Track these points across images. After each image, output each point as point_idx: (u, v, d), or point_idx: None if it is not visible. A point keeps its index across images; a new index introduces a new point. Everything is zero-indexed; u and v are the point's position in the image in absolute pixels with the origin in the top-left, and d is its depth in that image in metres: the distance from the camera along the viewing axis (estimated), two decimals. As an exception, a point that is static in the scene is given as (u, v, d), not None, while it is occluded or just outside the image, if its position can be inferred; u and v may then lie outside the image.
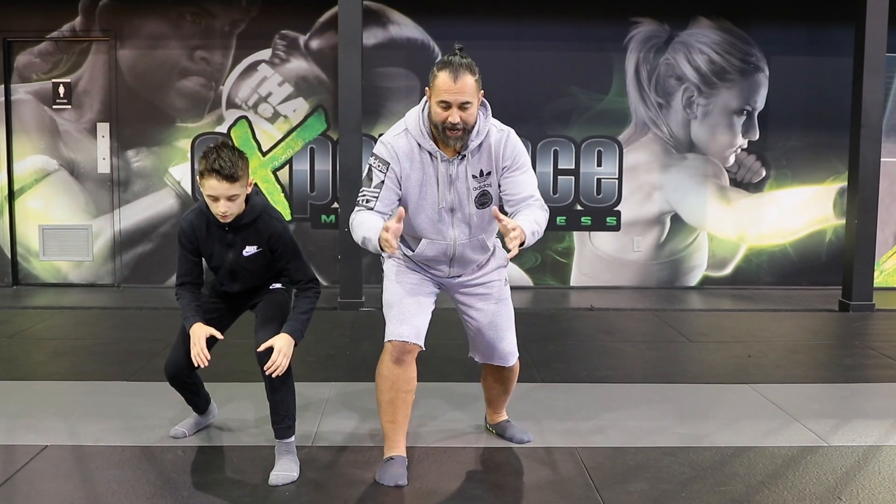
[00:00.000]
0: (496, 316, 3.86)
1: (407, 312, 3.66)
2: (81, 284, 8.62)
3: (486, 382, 4.14)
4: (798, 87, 8.70)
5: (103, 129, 8.45)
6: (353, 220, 3.58)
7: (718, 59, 8.60)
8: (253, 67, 8.44)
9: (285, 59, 8.44)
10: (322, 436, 4.19)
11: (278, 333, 3.65)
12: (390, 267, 3.83)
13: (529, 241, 3.41)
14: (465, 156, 3.56)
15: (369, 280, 8.24)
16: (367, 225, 3.47)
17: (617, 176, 8.69)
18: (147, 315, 7.22)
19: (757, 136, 8.72)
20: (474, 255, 3.76)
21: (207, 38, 8.39)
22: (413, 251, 3.74)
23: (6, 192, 8.46)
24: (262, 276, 3.86)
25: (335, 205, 8.49)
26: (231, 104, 8.45)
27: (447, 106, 3.42)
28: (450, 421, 4.44)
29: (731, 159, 8.73)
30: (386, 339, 3.65)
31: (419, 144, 3.57)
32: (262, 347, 3.58)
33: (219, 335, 3.71)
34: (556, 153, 8.62)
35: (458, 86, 3.40)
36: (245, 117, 8.46)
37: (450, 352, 5.71)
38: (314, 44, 8.43)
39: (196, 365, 3.66)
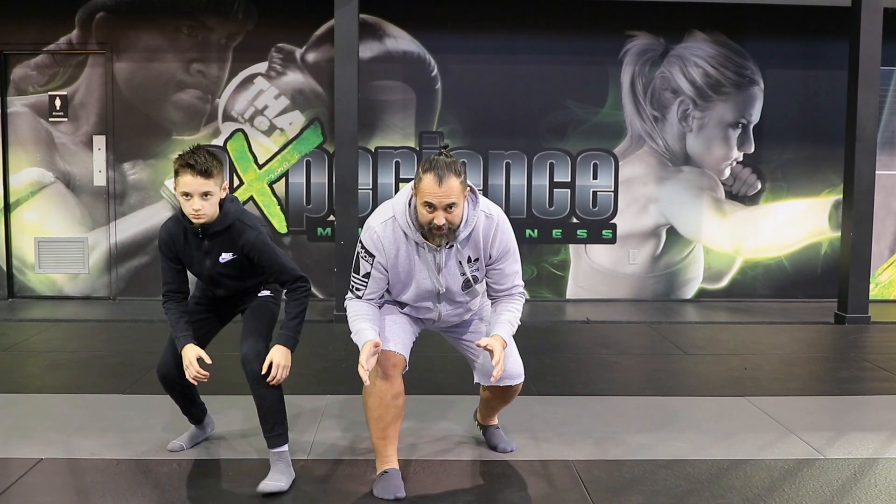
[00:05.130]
0: (511, 345, 3.85)
1: (390, 331, 3.72)
2: (77, 297, 8.60)
3: (486, 396, 4.11)
4: (793, 101, 8.73)
5: (99, 141, 8.45)
6: (347, 307, 3.74)
7: (714, 72, 8.63)
8: (249, 80, 8.45)
9: (282, 72, 8.45)
10: (318, 448, 4.18)
11: (263, 344, 3.69)
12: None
13: (509, 339, 3.70)
14: (452, 245, 3.61)
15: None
16: (358, 322, 3.62)
17: (613, 189, 8.71)
18: (143, 328, 7.21)
19: (752, 149, 8.74)
20: (459, 319, 3.91)
21: (204, 51, 8.40)
22: (402, 310, 3.85)
23: (2, 204, 8.45)
24: (246, 279, 3.87)
25: (331, 217, 8.49)
26: (227, 117, 8.46)
27: (432, 208, 3.43)
28: (445, 433, 4.44)
29: (727, 172, 8.75)
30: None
31: (405, 234, 3.60)
32: (263, 370, 3.58)
33: (207, 359, 3.73)
34: (551, 166, 8.63)
35: (442, 189, 3.40)
36: (241, 130, 8.47)
37: (444, 364, 5.71)
38: (310, 57, 8.44)
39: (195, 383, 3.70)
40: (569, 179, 8.66)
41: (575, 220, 8.71)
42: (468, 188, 3.57)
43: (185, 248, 3.78)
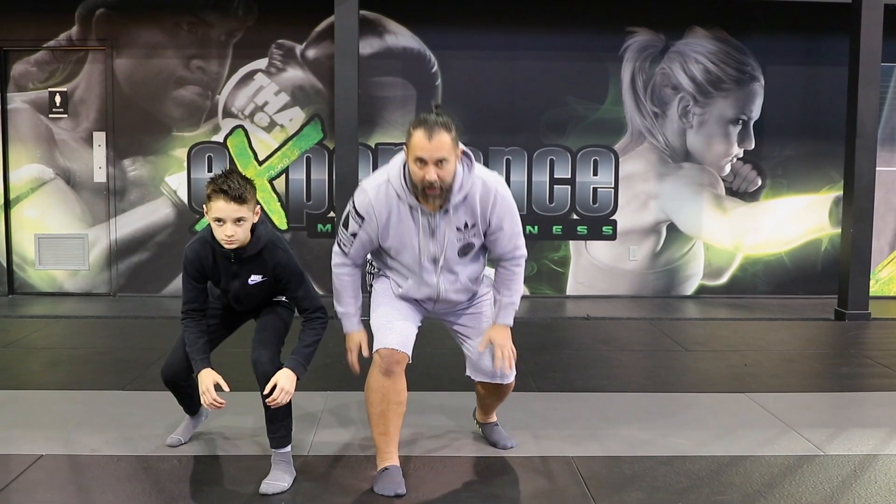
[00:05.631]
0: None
1: (393, 325, 3.69)
2: (77, 294, 8.60)
3: (480, 393, 4.15)
4: (793, 97, 8.73)
5: (99, 138, 8.45)
6: (333, 264, 3.83)
7: (714, 68, 8.62)
8: (249, 77, 8.44)
9: (282, 68, 8.45)
10: (318, 445, 4.18)
11: (276, 349, 3.70)
12: (377, 291, 3.91)
13: (511, 320, 3.79)
14: (447, 210, 3.57)
15: (365, 290, 8.22)
16: (342, 297, 3.88)
17: (613, 185, 8.71)
18: (143, 324, 7.21)
19: (752, 146, 8.73)
20: (459, 297, 3.83)
21: (204, 47, 8.39)
22: (401, 289, 3.81)
23: (2, 201, 8.44)
24: (269, 298, 3.89)
25: (331, 214, 8.49)
26: (227, 113, 8.45)
27: (423, 163, 3.42)
28: (445, 430, 4.44)
29: (727, 169, 8.75)
30: (374, 350, 3.67)
31: (399, 196, 3.58)
32: (266, 390, 3.57)
33: (224, 385, 3.68)
34: (552, 162, 8.63)
35: (433, 144, 3.39)
36: (241, 126, 8.46)
37: (444, 361, 5.71)
38: (311, 53, 8.44)
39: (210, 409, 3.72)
40: (569, 176, 8.66)
41: (575, 217, 8.71)
42: (462, 151, 3.56)
43: (214, 269, 3.74)
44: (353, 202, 3.65)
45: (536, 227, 8.65)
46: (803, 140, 8.77)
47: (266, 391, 3.57)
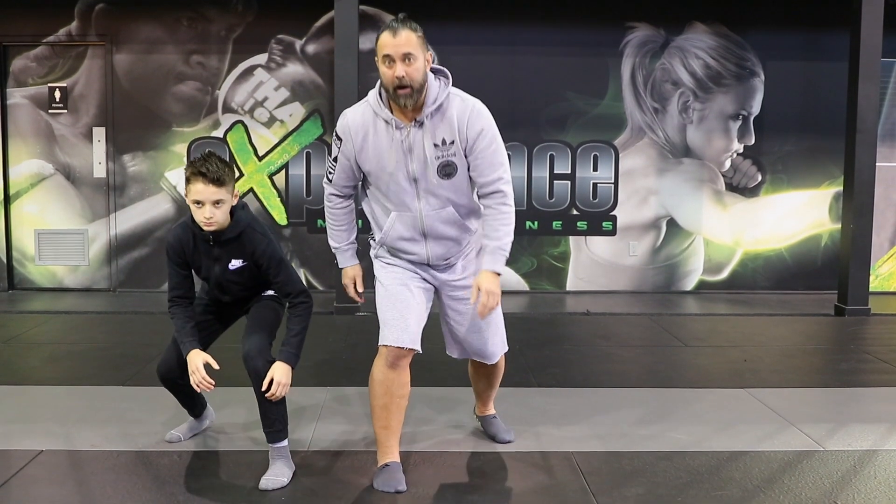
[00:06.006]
0: (486, 321, 3.84)
1: (400, 316, 3.61)
2: (77, 289, 8.61)
3: (472, 374, 4.19)
4: (793, 92, 8.72)
5: (99, 133, 8.44)
6: (325, 198, 3.86)
7: (714, 63, 8.62)
8: (249, 72, 8.44)
9: (281, 63, 8.44)
10: (318, 441, 4.18)
11: (267, 342, 3.71)
12: (379, 269, 3.84)
13: (502, 267, 3.59)
14: (422, 122, 3.52)
15: (366, 285, 8.23)
16: (334, 233, 3.92)
17: (613, 181, 8.70)
18: (143, 320, 7.21)
19: (752, 141, 8.73)
20: (448, 230, 3.69)
21: (204, 42, 8.38)
22: (382, 231, 3.74)
23: (2, 196, 8.44)
24: (252, 286, 3.88)
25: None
26: (227, 109, 8.45)
27: (391, 61, 3.43)
28: (445, 425, 4.44)
29: (727, 164, 8.74)
30: (380, 343, 3.61)
31: (375, 113, 3.57)
32: (264, 386, 3.59)
33: (214, 364, 3.71)
34: (552, 158, 8.62)
35: (397, 40, 3.41)
36: (241, 122, 8.46)
37: (444, 356, 5.69)
38: (310, 48, 8.43)
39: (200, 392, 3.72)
40: (569, 171, 8.66)
41: (575, 212, 8.71)
42: (438, 67, 3.58)
43: (195, 254, 3.77)
44: (335, 130, 3.71)
45: (536, 223, 8.64)
46: (803, 135, 8.76)
47: (264, 387, 3.58)
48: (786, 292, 8.87)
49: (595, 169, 8.69)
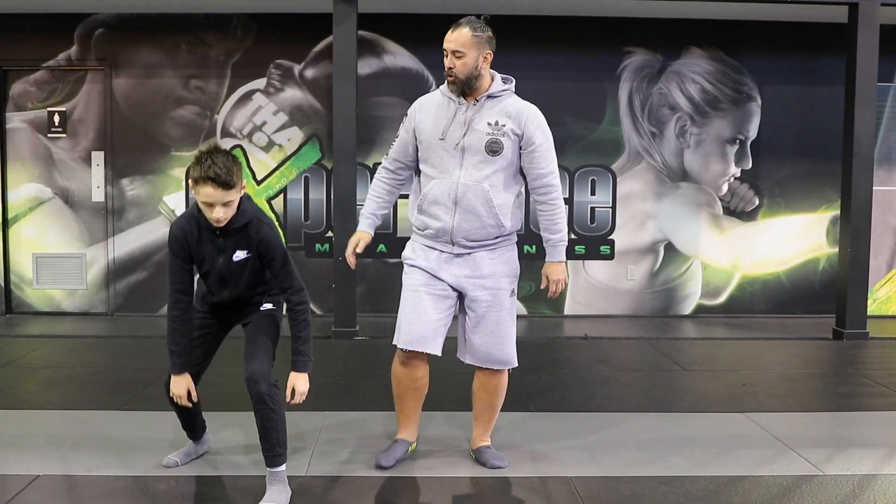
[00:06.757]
0: (494, 323, 4.06)
1: (407, 321, 4.02)
2: (75, 313, 8.59)
3: (475, 391, 4.27)
4: (790, 117, 8.76)
5: (98, 157, 8.46)
6: (375, 177, 4.32)
7: (711, 88, 8.66)
8: (248, 96, 8.47)
9: (280, 88, 8.48)
10: (315, 465, 4.17)
11: (269, 364, 3.70)
12: (404, 273, 4.18)
13: (563, 256, 4.15)
14: (478, 100, 3.98)
15: (363, 309, 8.23)
16: (367, 203, 4.29)
17: (611, 205, 8.72)
18: (140, 344, 7.20)
19: (750, 165, 8.76)
20: (478, 206, 3.98)
21: (202, 67, 8.42)
22: (420, 194, 4.10)
23: (0, 219, 8.45)
24: (252, 284, 3.84)
25: (329, 234, 8.49)
26: (226, 133, 8.47)
27: (445, 54, 3.94)
28: (443, 449, 4.43)
29: (725, 188, 8.77)
30: (394, 342, 4.09)
31: (443, 93, 4.07)
32: (287, 397, 3.68)
33: (195, 395, 3.80)
34: (549, 182, 8.62)
35: (453, 35, 3.92)
36: (240, 146, 8.48)
37: (443, 380, 5.70)
38: (309, 73, 8.47)
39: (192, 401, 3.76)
40: (567, 195, 8.67)
41: (573, 236, 8.72)
42: (489, 52, 3.96)
43: (199, 245, 3.73)
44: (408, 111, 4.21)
45: (535, 247, 8.65)
46: (800, 159, 8.79)
47: (287, 398, 3.65)
48: (784, 316, 8.86)
49: (593, 193, 8.71)
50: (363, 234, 4.22)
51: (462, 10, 8.27)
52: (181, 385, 3.72)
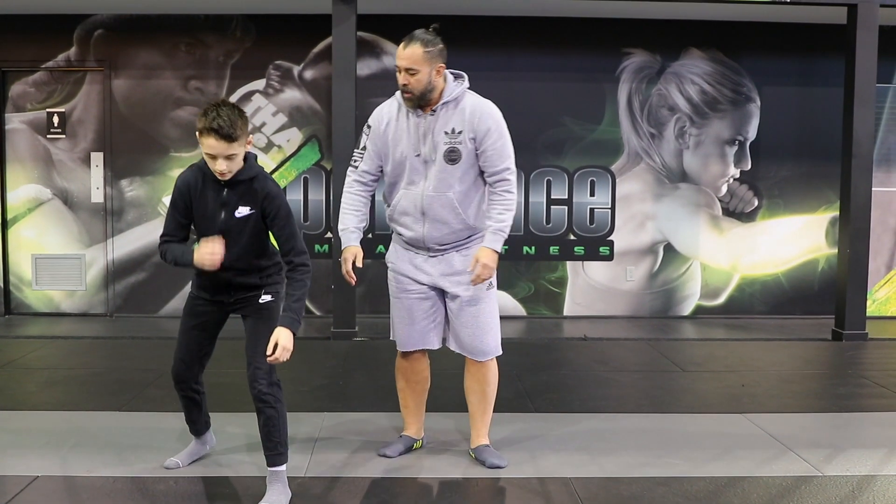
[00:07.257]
0: (472, 316, 4.17)
1: (402, 325, 4.27)
2: (74, 314, 8.59)
3: (467, 386, 4.34)
4: (789, 118, 8.76)
5: (97, 158, 8.46)
6: (344, 192, 4.27)
7: (710, 89, 8.66)
8: (247, 97, 8.47)
9: (279, 89, 8.48)
10: (315, 466, 4.17)
11: (271, 367, 3.65)
12: (389, 273, 4.32)
13: (499, 246, 4.05)
14: (435, 110, 4.04)
15: (362, 310, 8.23)
16: (345, 218, 4.22)
17: (610, 206, 8.72)
18: (140, 345, 7.19)
19: (749, 166, 8.76)
20: (445, 214, 4.09)
21: (202, 68, 8.42)
22: (390, 206, 4.19)
23: (-1, 221, 8.46)
24: (251, 250, 3.74)
25: (328, 235, 8.49)
26: (225, 134, 8.45)
27: (399, 70, 4.00)
28: (442, 450, 4.43)
29: (724, 189, 8.77)
30: (392, 337, 4.35)
31: (399, 105, 4.13)
32: (269, 350, 3.52)
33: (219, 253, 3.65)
34: (548, 183, 8.64)
35: (405, 53, 4.00)
36: (239, 147, 8.46)
37: (443, 380, 5.70)
38: (308, 74, 8.47)
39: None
40: (566, 196, 8.68)
41: (572, 237, 8.72)
42: (441, 65, 4.04)
43: (202, 198, 3.70)
44: (367, 120, 4.24)
45: (533, 248, 8.65)
46: (800, 160, 8.80)
47: (269, 352, 3.52)
48: (783, 317, 8.86)
49: (592, 194, 8.71)
50: (355, 248, 4.19)
51: (460, 12, 8.30)
52: (208, 249, 3.61)
